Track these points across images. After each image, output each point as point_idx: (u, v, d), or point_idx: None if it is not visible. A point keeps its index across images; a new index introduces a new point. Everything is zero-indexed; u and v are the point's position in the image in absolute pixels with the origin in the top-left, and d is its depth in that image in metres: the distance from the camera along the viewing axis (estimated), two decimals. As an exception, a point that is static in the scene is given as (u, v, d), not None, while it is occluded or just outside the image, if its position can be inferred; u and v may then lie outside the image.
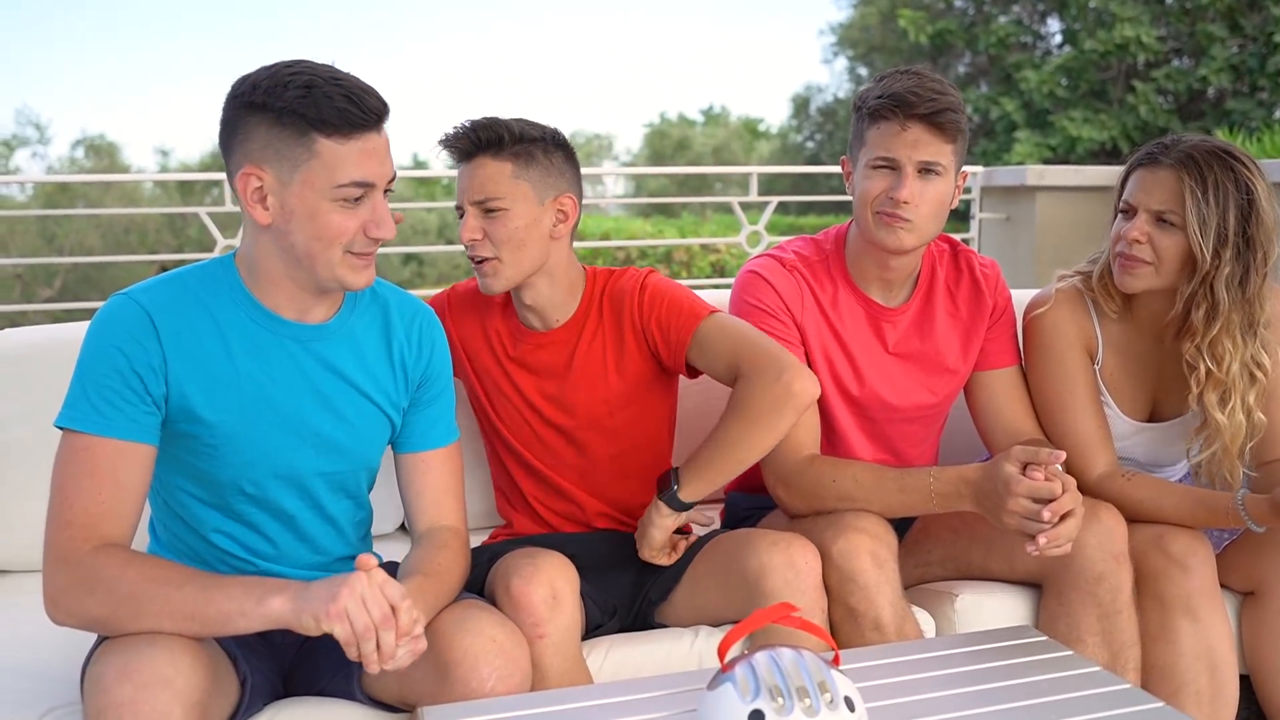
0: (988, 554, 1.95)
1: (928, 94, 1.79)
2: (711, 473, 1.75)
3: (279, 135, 1.46)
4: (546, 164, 1.80)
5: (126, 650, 1.37)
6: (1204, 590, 1.83)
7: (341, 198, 1.48)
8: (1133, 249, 1.87)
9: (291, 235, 1.49)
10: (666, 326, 1.83)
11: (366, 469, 1.70)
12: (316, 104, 1.44)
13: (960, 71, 17.33)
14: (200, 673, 1.38)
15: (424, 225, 20.10)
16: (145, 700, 1.32)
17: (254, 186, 1.48)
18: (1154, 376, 2.01)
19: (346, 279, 1.53)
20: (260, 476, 1.58)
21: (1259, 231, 1.80)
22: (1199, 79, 13.75)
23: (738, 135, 26.72)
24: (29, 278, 15.69)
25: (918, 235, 1.86)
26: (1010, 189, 4.88)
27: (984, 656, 1.51)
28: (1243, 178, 1.80)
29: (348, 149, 1.46)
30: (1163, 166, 1.85)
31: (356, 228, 1.50)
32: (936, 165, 1.82)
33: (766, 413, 1.71)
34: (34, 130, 22.58)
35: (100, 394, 1.47)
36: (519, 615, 1.56)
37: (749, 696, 1.21)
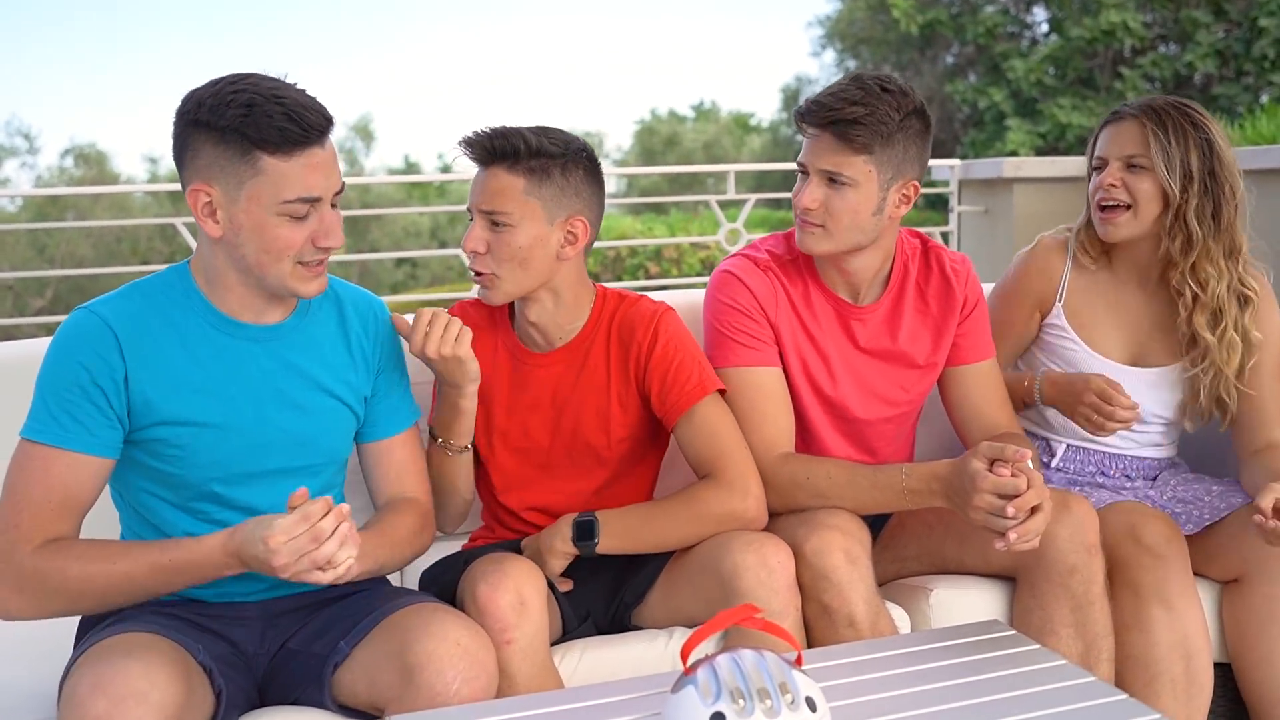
0: (962, 548, 1.95)
1: (837, 103, 1.78)
2: (633, 543, 1.79)
3: (223, 153, 1.49)
4: (562, 183, 1.77)
5: (101, 663, 1.39)
6: (1178, 579, 1.84)
7: (288, 213, 1.51)
8: (1110, 194, 1.98)
9: (241, 248, 1.53)
10: (667, 389, 1.82)
11: (334, 462, 1.72)
12: (257, 123, 1.46)
13: (949, 62, 17.34)
14: (175, 685, 1.39)
15: (416, 228, 20.12)
16: (119, 714, 1.33)
17: (203, 202, 1.52)
18: (1135, 324, 2.08)
19: (297, 288, 1.57)
20: (228, 477, 1.60)
21: (1221, 168, 1.95)
22: (1185, 65, 13.77)
23: (728, 130, 26.68)
24: (21, 289, 15.69)
25: (831, 242, 1.86)
26: (988, 181, 4.92)
27: (952, 652, 1.51)
28: (1199, 122, 1.96)
29: (291, 165, 1.49)
30: (1126, 118, 2.01)
31: (305, 239, 1.53)
32: (840, 175, 1.81)
33: (713, 523, 1.77)
34: (23, 140, 22.55)
35: (62, 407, 1.51)
36: (486, 621, 1.56)
37: (710, 699, 1.22)
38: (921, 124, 1.86)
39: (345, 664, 1.55)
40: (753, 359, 1.90)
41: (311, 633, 1.63)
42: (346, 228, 1.66)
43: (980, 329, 2.03)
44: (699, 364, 1.85)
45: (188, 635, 1.53)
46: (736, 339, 1.91)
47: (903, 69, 17.90)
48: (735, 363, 1.90)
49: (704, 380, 1.84)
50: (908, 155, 1.84)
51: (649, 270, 8.97)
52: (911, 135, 1.84)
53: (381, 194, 19.79)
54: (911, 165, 1.86)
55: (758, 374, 1.90)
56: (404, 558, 1.70)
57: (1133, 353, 2.09)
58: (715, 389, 1.84)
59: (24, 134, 23.47)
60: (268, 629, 1.66)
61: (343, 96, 52.04)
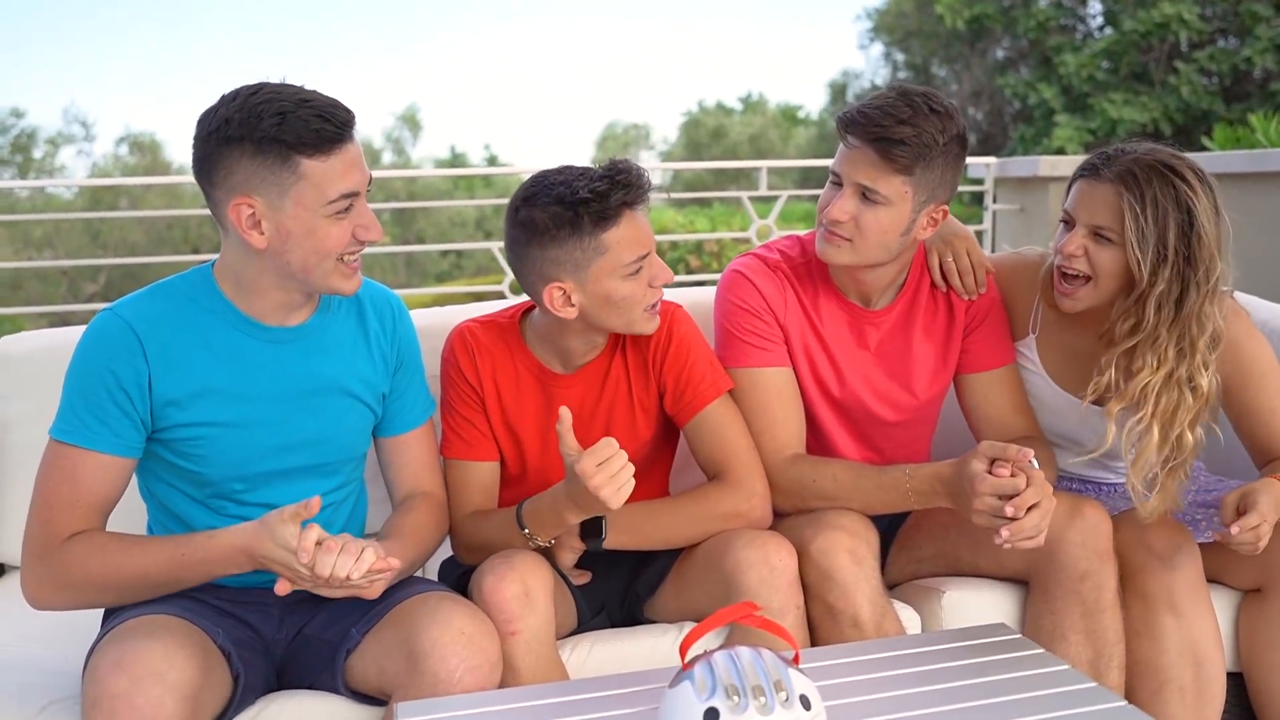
0: (976, 551, 1.95)
1: (884, 119, 1.75)
2: (640, 539, 1.80)
3: (262, 163, 1.51)
4: None
5: (123, 643, 1.44)
6: (1188, 586, 1.82)
7: (334, 211, 1.55)
8: (1070, 263, 1.86)
9: (288, 254, 1.56)
10: (681, 389, 1.85)
11: (353, 458, 1.77)
12: (294, 128, 1.50)
13: (999, 56, 17.13)
14: (194, 667, 1.44)
15: (462, 218, 20.25)
16: (139, 693, 1.38)
17: (247, 214, 1.54)
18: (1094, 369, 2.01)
19: (340, 286, 1.61)
20: (248, 475, 1.65)
21: (1200, 249, 1.77)
22: (1243, 59, 13.49)
23: (775, 123, 26.59)
24: (75, 274, 16.03)
25: (854, 256, 1.85)
26: (1023, 180, 4.87)
27: (954, 655, 1.52)
28: (1183, 195, 1.77)
29: (330, 165, 1.53)
30: (1103, 180, 1.82)
31: (348, 235, 1.58)
32: (876, 193, 1.79)
33: (718, 522, 1.79)
34: (80, 128, 23.02)
35: (89, 409, 1.56)
36: (491, 613, 1.59)
37: (705, 694, 1.24)
38: (960, 148, 1.84)
39: (357, 651, 1.60)
40: (762, 359, 1.92)
41: (326, 619, 1.67)
42: (393, 218, 1.74)
43: (994, 336, 2.02)
44: (711, 364, 1.87)
45: (209, 619, 1.58)
46: (746, 339, 1.92)
47: (951, 63, 17.73)
48: (745, 363, 1.92)
49: (716, 381, 1.86)
50: (944, 179, 1.83)
51: (689, 264, 8.99)
52: (950, 159, 1.82)
53: (428, 185, 19.96)
54: (945, 189, 1.85)
55: (767, 374, 1.92)
56: (427, 554, 1.75)
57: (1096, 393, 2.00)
58: (726, 389, 1.86)
59: (81, 121, 24.01)
60: (286, 615, 1.71)
61: (390, 86, 52.41)
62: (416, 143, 29.89)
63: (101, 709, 1.38)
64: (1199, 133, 9.21)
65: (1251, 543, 1.73)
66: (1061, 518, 1.74)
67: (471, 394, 1.85)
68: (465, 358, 1.86)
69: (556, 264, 1.71)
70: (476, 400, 1.86)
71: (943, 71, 17.98)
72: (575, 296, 1.72)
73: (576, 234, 1.68)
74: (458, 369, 1.86)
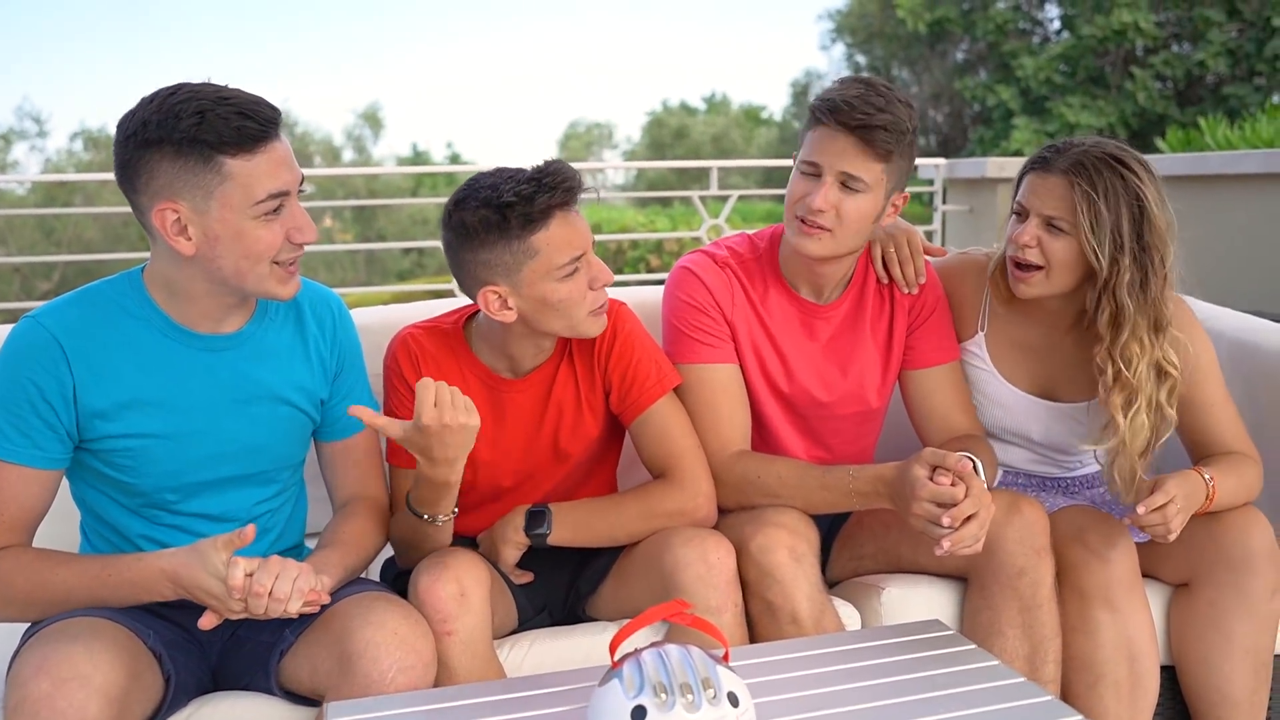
0: (916, 548, 1.96)
1: (865, 107, 1.76)
2: (585, 535, 1.81)
3: (185, 166, 1.46)
4: None
5: (46, 646, 1.42)
6: (1123, 581, 1.85)
7: (262, 213, 1.50)
8: (1023, 253, 1.88)
9: (219, 260, 1.51)
10: (626, 387, 1.85)
11: (290, 465, 1.74)
12: (214, 127, 1.44)
13: (958, 59, 17.30)
14: (119, 669, 1.41)
15: (423, 216, 20.14)
16: (61, 696, 1.35)
17: (172, 220, 1.49)
18: (1044, 363, 2.05)
19: (276, 291, 1.56)
20: (181, 486, 1.62)
21: (1152, 236, 1.81)
22: (1197, 64, 13.71)
23: (738, 123, 26.67)
24: (28, 272, 15.76)
25: (834, 245, 1.86)
26: (972, 181, 4.93)
27: (888, 651, 1.53)
28: (1132, 184, 1.81)
29: (256, 164, 1.48)
30: (1054, 172, 1.86)
31: (281, 238, 1.52)
32: (858, 180, 1.80)
33: (663, 519, 1.80)
34: (33, 124, 22.66)
35: (10, 422, 1.52)
36: (426, 612, 1.58)
37: (633, 692, 1.24)
38: (915, 137, 1.87)
39: (290, 651, 1.59)
40: (710, 356, 1.92)
41: (260, 621, 1.64)
42: (354, 216, 1.69)
43: (937, 332, 2.04)
44: (656, 362, 1.87)
45: (139, 620, 1.56)
46: (694, 336, 1.92)
47: (912, 64, 17.86)
48: (692, 359, 1.92)
49: (661, 379, 1.86)
50: (906, 168, 1.86)
51: (649, 263, 9.00)
52: (913, 148, 1.86)
53: (389, 183, 19.84)
54: (905, 177, 1.88)
55: (714, 371, 1.92)
56: (367, 560, 1.72)
57: (1043, 387, 2.06)
58: (672, 387, 1.86)
59: (34, 117, 23.61)
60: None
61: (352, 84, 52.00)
62: (378, 141, 29.68)
63: (23, 713, 1.35)
64: (1154, 136, 9.33)
65: (1161, 524, 1.76)
66: (1000, 515, 1.76)
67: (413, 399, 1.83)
68: (408, 364, 1.83)
69: (489, 267, 1.70)
70: None
71: (903, 73, 18.12)
72: (511, 300, 1.71)
73: (505, 237, 1.67)
74: (400, 376, 1.83)
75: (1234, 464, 1.91)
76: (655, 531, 1.80)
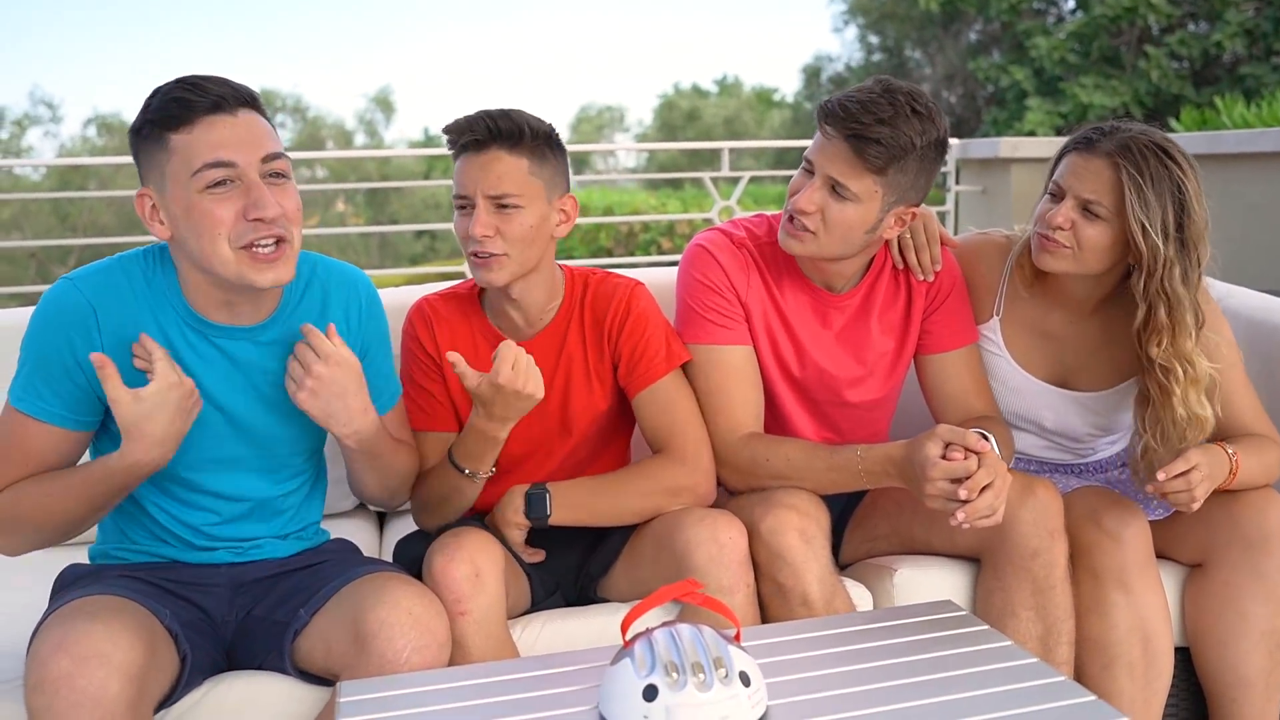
0: (929, 529, 1.96)
1: (863, 115, 1.72)
2: (585, 514, 1.81)
3: (147, 151, 1.51)
4: (555, 163, 1.78)
5: (66, 624, 1.42)
6: (1137, 563, 1.84)
7: (204, 184, 1.47)
8: (1054, 234, 1.85)
9: (186, 242, 1.51)
10: (634, 361, 1.85)
11: (307, 450, 1.74)
12: (160, 106, 1.48)
13: (971, 39, 17.18)
14: (138, 648, 1.42)
15: (435, 200, 20.15)
16: (82, 674, 1.36)
17: (148, 206, 1.53)
18: (1061, 351, 2.02)
19: (249, 278, 1.50)
20: (195, 462, 1.63)
21: (1193, 230, 1.78)
22: (1213, 44, 13.58)
23: (750, 105, 26.56)
24: (44, 257, 15.84)
25: (816, 248, 1.83)
26: (985, 161, 4.90)
27: (899, 631, 1.53)
28: (1176, 175, 1.77)
29: (194, 136, 1.47)
30: (1098, 154, 1.81)
31: (234, 215, 1.48)
32: (845, 189, 1.77)
33: (663, 496, 1.80)
34: (46, 109, 22.72)
35: (44, 381, 1.54)
36: (441, 592, 1.59)
37: (645, 671, 1.24)
38: (938, 153, 1.81)
39: (305, 631, 1.59)
40: (723, 337, 1.91)
41: (275, 600, 1.66)
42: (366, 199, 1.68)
43: (954, 316, 2.01)
44: (666, 340, 1.87)
45: (156, 600, 1.57)
46: (707, 316, 1.91)
47: (925, 46, 17.75)
48: (705, 340, 1.91)
49: (670, 355, 1.86)
50: (916, 183, 1.81)
51: (661, 245, 8.98)
52: (926, 164, 1.80)
53: (401, 166, 19.82)
54: (917, 192, 1.83)
55: (726, 352, 1.91)
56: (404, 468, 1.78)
57: (1058, 374, 2.04)
58: (679, 364, 1.86)
59: (47, 103, 23.68)
60: (236, 596, 1.70)
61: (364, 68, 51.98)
62: (390, 124, 29.70)
63: (44, 691, 1.36)
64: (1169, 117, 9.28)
65: (1185, 490, 1.74)
66: (1014, 496, 1.75)
67: (430, 364, 1.86)
68: (424, 329, 1.87)
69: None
70: (435, 370, 1.86)
71: (916, 54, 18.01)
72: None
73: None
74: (417, 341, 1.87)
75: (1256, 445, 1.90)
76: (658, 510, 1.80)
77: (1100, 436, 2.09)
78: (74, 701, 1.35)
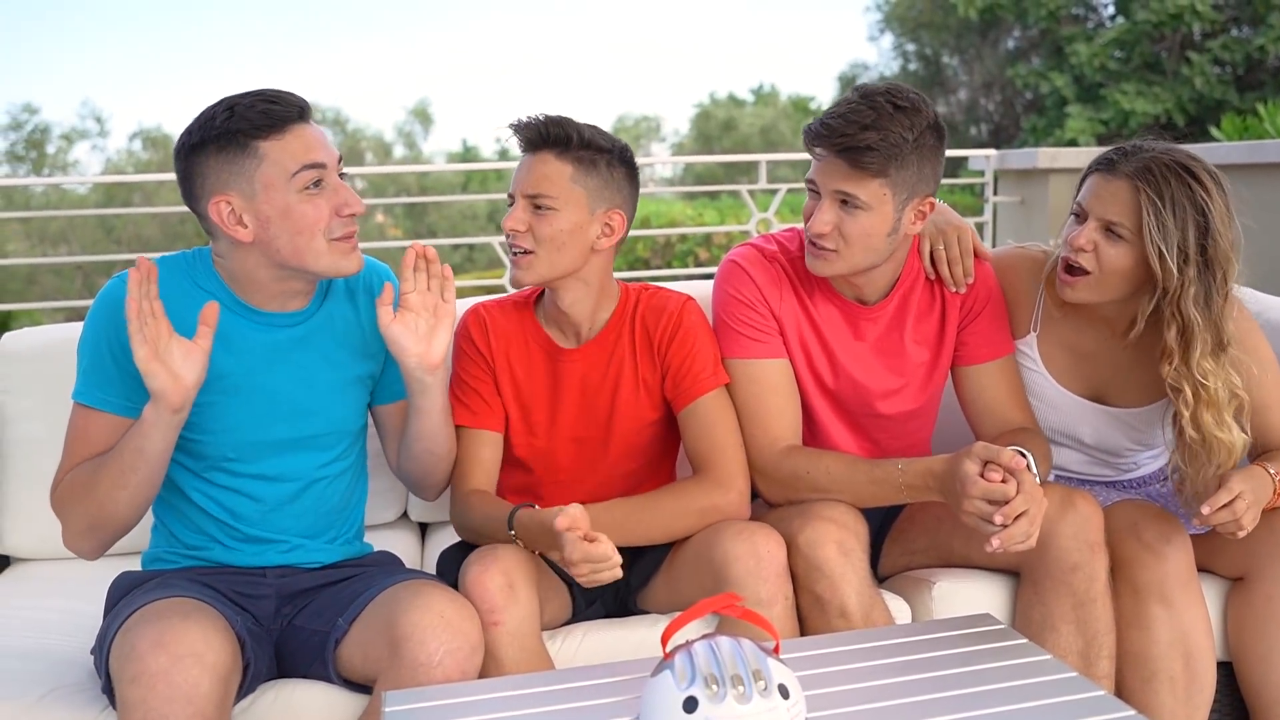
0: (968, 543, 1.96)
1: (847, 128, 1.73)
2: (620, 535, 1.73)
3: (226, 159, 1.59)
4: (607, 176, 1.82)
5: (161, 622, 1.48)
6: (1178, 576, 1.83)
7: (301, 185, 1.59)
8: (1077, 256, 1.84)
9: (275, 241, 1.60)
10: (682, 373, 1.87)
11: (343, 432, 1.80)
12: (244, 116, 1.58)
13: (1010, 46, 17.06)
14: (228, 649, 1.49)
15: (472, 211, 20.29)
16: (178, 671, 1.42)
17: (227, 211, 1.61)
18: (1097, 368, 2.01)
19: (340, 266, 1.65)
20: (239, 445, 1.70)
21: (1216, 252, 1.76)
22: (1256, 48, 13.39)
23: (786, 114, 26.50)
24: (90, 270, 16.13)
25: (844, 265, 1.84)
26: (1023, 172, 4.87)
27: (938, 645, 1.53)
28: (1199, 197, 1.76)
29: (286, 141, 1.59)
30: (1119, 175, 1.81)
31: (329, 213, 1.62)
32: (854, 199, 1.77)
33: (696, 516, 1.81)
34: (94, 123, 23.14)
35: (98, 371, 1.64)
36: (474, 602, 1.61)
37: (685, 684, 1.25)
38: (935, 139, 1.81)
39: (344, 639, 1.63)
40: (758, 351, 1.93)
41: (315, 610, 1.70)
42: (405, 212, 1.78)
43: (991, 328, 2.01)
44: (714, 358, 1.90)
45: (227, 607, 1.62)
46: (741, 330, 1.93)
47: (962, 53, 17.65)
48: (740, 354, 1.93)
49: (716, 373, 1.88)
50: (922, 173, 1.81)
51: (698, 256, 8.99)
52: (926, 153, 1.80)
53: (439, 179, 19.99)
54: (927, 182, 1.83)
55: (762, 366, 1.92)
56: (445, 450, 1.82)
57: (1095, 391, 2.03)
58: (724, 383, 1.88)
59: (95, 117, 24.12)
60: (282, 605, 1.74)
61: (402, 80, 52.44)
62: (428, 136, 29.94)
63: (140, 684, 1.42)
64: (1212, 123, 9.15)
65: (1231, 520, 1.73)
66: (1053, 510, 1.74)
67: (482, 363, 1.90)
68: (478, 331, 1.91)
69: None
70: (487, 369, 1.90)
71: (954, 61, 17.91)
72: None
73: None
74: (470, 340, 1.92)
75: None
76: (689, 531, 1.82)
77: (1140, 451, 2.07)
78: (169, 696, 1.41)
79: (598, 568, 1.59)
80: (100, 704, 1.59)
